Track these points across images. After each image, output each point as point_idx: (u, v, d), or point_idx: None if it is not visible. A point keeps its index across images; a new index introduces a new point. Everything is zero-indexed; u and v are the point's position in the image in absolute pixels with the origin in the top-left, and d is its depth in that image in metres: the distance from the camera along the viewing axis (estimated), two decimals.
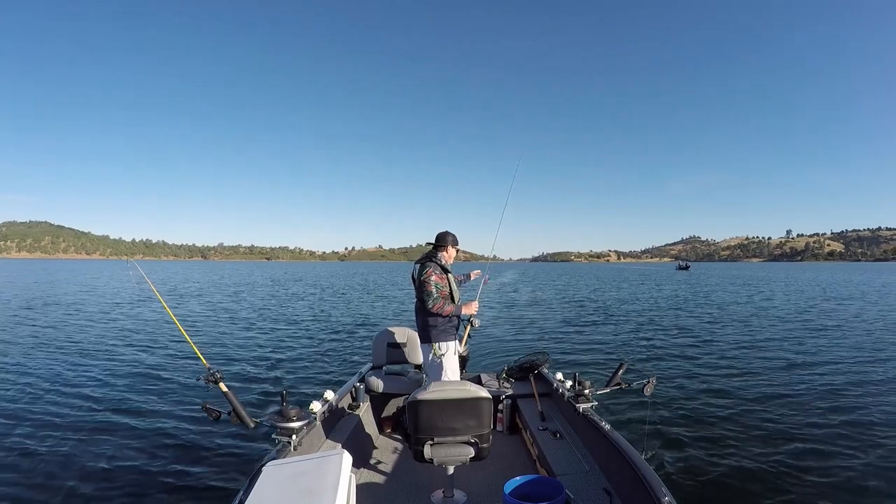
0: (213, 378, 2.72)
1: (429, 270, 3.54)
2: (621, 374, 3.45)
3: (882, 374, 7.66)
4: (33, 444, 4.82)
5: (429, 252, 3.73)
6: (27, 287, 29.28)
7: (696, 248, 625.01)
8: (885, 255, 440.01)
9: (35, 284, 31.74)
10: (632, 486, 2.49)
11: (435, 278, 3.52)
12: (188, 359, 8.66)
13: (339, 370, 8.12)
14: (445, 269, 3.65)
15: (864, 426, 5.36)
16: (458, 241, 3.83)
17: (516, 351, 9.58)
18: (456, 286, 3.70)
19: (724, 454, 4.63)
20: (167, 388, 6.84)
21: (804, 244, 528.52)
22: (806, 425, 5.38)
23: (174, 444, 4.85)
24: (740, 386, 6.99)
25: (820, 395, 6.52)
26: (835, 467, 4.35)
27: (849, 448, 4.75)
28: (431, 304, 3.45)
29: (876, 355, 9.19)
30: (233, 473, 4.18)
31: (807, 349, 9.80)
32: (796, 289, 30.71)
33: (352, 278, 49.90)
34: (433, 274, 3.53)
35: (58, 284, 31.56)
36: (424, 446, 2.73)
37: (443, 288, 3.56)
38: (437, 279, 3.53)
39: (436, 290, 3.49)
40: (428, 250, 3.76)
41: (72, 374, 7.67)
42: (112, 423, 5.42)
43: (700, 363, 8.58)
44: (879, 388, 6.85)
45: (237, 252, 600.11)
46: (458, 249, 3.83)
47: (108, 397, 6.41)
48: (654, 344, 10.64)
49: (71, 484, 4.03)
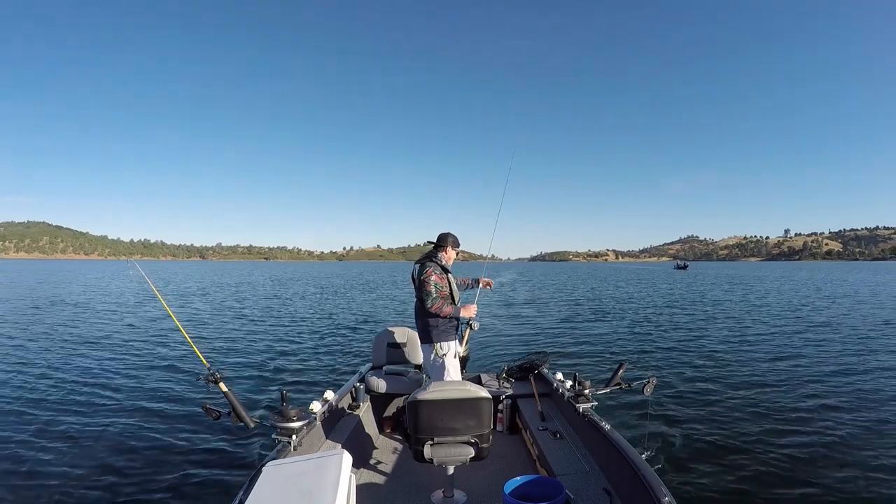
0: (213, 378, 2.72)
1: (429, 270, 3.54)
2: (621, 374, 3.46)
3: (885, 382, 7.68)
4: (33, 444, 4.82)
5: (429, 252, 3.72)
6: (30, 287, 29.28)
7: (695, 248, 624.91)
8: (882, 254, 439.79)
9: (38, 284, 31.74)
10: (632, 486, 2.49)
11: (435, 278, 3.51)
12: (188, 359, 8.66)
13: (339, 370, 8.12)
14: (445, 269, 3.64)
15: (863, 427, 5.36)
16: (459, 243, 3.82)
17: (516, 351, 9.58)
18: (456, 287, 3.70)
19: (724, 454, 4.63)
20: (167, 388, 6.84)
21: (802, 244, 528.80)
22: (806, 425, 5.38)
23: (174, 444, 4.85)
24: (740, 386, 7.00)
25: (820, 395, 6.52)
26: (835, 467, 4.35)
27: (849, 447, 4.76)
28: (430, 304, 3.44)
29: (881, 361, 9.19)
30: (233, 473, 4.18)
31: (808, 351, 9.80)
32: (791, 287, 30.75)
33: (352, 278, 49.89)
34: (433, 274, 3.52)
35: (59, 285, 31.56)
36: (424, 446, 2.73)
37: (442, 288, 3.56)
38: (436, 279, 3.52)
39: (435, 290, 3.48)
40: (428, 250, 3.77)
41: (71, 374, 7.67)
42: (112, 423, 5.42)
43: (700, 363, 8.58)
44: (882, 393, 6.86)
45: (235, 252, 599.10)
46: (458, 251, 3.82)
47: (108, 397, 6.41)
48: (653, 344, 10.64)
49: (70, 484, 4.03)
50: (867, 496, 3.89)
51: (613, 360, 8.52)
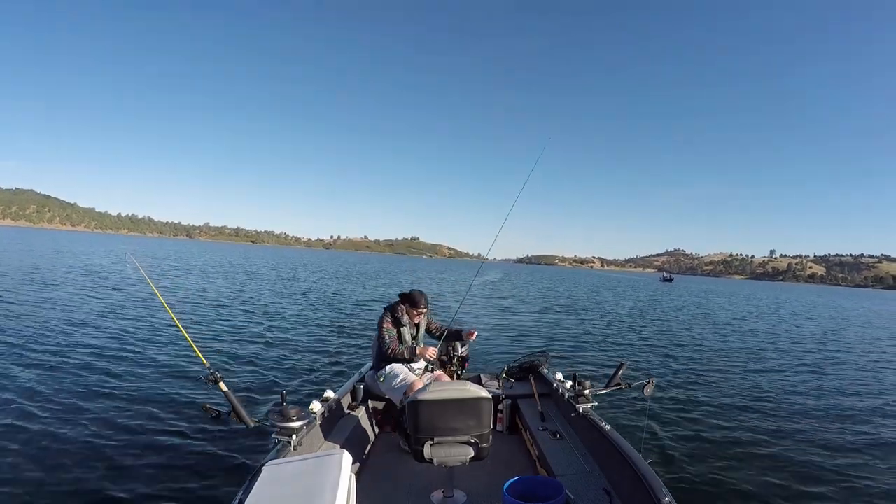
0: (212, 378, 2.72)
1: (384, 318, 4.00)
2: (621, 374, 3.46)
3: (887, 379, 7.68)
4: (32, 444, 4.82)
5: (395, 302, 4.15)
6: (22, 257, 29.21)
7: (680, 261, 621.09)
8: (864, 281, 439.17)
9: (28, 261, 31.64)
10: (632, 486, 2.49)
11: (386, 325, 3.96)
12: (188, 358, 8.66)
13: (339, 370, 8.12)
14: (399, 321, 4.02)
15: (864, 429, 5.36)
16: (418, 304, 4.11)
17: (516, 351, 9.59)
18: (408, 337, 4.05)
19: (724, 454, 4.64)
20: (167, 388, 6.83)
21: (787, 265, 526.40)
22: (806, 426, 5.39)
23: (174, 443, 4.85)
24: (740, 386, 7.00)
25: (819, 395, 6.53)
26: (835, 466, 4.36)
27: (848, 447, 4.76)
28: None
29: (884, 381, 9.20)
30: (233, 473, 4.18)
31: (806, 358, 9.81)
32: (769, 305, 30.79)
33: (345, 271, 49.97)
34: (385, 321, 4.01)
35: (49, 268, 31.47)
36: (424, 446, 2.73)
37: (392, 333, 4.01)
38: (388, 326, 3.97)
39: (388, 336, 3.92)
40: (415, 244, 3.89)
41: (70, 374, 7.66)
42: (111, 423, 5.41)
43: (699, 364, 8.59)
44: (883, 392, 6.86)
45: (222, 233, 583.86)
46: (417, 311, 4.11)
47: (107, 397, 6.41)
48: (653, 345, 10.64)
49: (70, 484, 4.03)
50: (867, 495, 3.89)
51: (613, 361, 8.52)
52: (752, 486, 4.03)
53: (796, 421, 5.53)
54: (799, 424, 5.43)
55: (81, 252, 44.24)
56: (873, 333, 16.65)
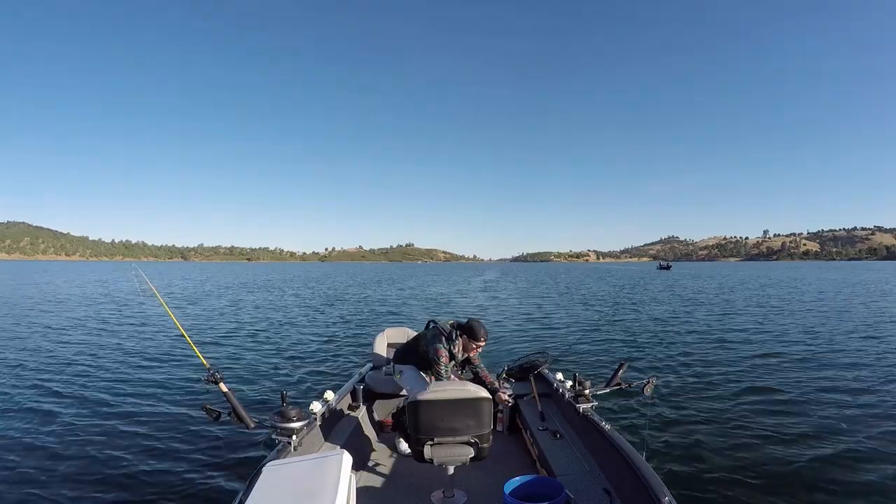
0: (213, 378, 2.72)
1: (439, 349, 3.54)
2: (621, 374, 3.46)
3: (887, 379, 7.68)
4: (33, 445, 4.83)
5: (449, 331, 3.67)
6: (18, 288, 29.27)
7: (675, 248, 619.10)
8: (859, 254, 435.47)
9: (29, 286, 31.72)
10: (632, 486, 2.49)
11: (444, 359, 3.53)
12: (188, 359, 8.66)
13: (339, 371, 8.12)
14: (453, 355, 3.60)
15: (863, 427, 5.36)
16: (480, 337, 3.64)
17: (516, 351, 9.58)
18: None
19: (724, 454, 4.63)
20: (167, 389, 6.84)
21: (780, 244, 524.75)
22: (807, 424, 5.38)
23: (174, 444, 4.85)
24: (740, 386, 6.99)
25: (819, 394, 6.52)
26: (835, 466, 4.35)
27: (848, 447, 4.75)
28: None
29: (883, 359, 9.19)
30: (233, 474, 4.18)
31: (815, 348, 9.81)
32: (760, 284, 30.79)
33: (344, 279, 49.93)
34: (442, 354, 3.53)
35: (54, 287, 31.53)
36: (424, 446, 2.74)
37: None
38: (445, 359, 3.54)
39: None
40: (409, 250, 3.73)
41: (70, 374, 7.67)
42: (111, 424, 5.42)
43: (699, 363, 8.58)
44: (881, 392, 6.85)
45: (217, 253, 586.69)
46: (477, 345, 3.62)
47: (108, 397, 6.41)
48: (653, 344, 10.64)
49: (70, 484, 4.03)
50: (867, 494, 3.89)
51: (613, 360, 8.52)
52: (753, 486, 4.02)
53: (798, 420, 5.53)
54: (801, 424, 5.42)
55: (92, 274, 44.18)
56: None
